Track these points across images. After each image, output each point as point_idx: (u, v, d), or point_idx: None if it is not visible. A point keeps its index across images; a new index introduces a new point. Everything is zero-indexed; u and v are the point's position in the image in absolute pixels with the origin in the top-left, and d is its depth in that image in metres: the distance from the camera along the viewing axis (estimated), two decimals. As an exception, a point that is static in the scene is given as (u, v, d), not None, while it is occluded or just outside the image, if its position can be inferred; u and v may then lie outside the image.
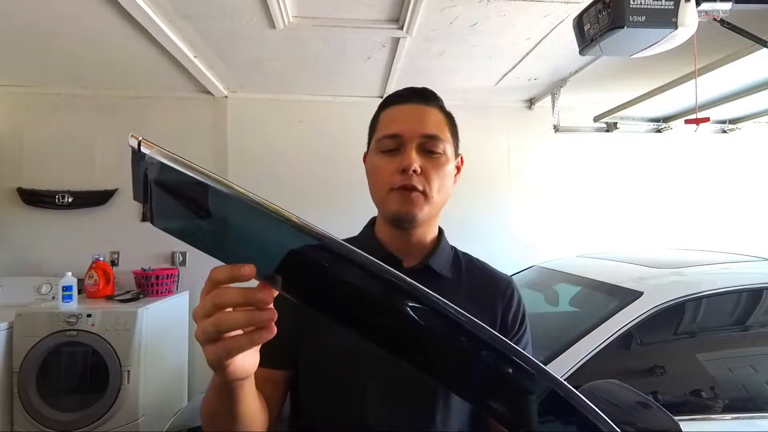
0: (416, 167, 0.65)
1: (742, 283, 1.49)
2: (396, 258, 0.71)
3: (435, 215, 0.72)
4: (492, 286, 0.76)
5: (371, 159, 0.72)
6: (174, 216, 0.37)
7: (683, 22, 1.23)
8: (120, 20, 1.84)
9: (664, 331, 1.44)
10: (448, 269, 0.74)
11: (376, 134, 0.72)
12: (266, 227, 0.35)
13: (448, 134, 0.71)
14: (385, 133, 0.69)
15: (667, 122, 3.05)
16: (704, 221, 3.27)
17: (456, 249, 0.81)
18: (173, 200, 0.36)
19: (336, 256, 0.34)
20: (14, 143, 2.78)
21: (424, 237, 0.73)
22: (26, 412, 2.10)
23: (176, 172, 0.35)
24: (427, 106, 0.71)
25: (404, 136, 0.67)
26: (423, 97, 0.72)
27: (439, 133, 0.69)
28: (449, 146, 0.71)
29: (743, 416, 1.31)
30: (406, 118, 0.69)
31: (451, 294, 0.67)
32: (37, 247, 2.75)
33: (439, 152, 0.68)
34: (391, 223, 0.70)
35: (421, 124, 0.68)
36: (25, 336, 2.12)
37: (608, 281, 1.63)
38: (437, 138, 0.68)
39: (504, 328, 0.72)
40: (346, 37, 2.05)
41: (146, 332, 2.21)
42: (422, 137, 0.68)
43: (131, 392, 2.14)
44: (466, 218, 3.04)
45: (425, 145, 0.68)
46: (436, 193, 0.68)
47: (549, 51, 2.18)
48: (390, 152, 0.68)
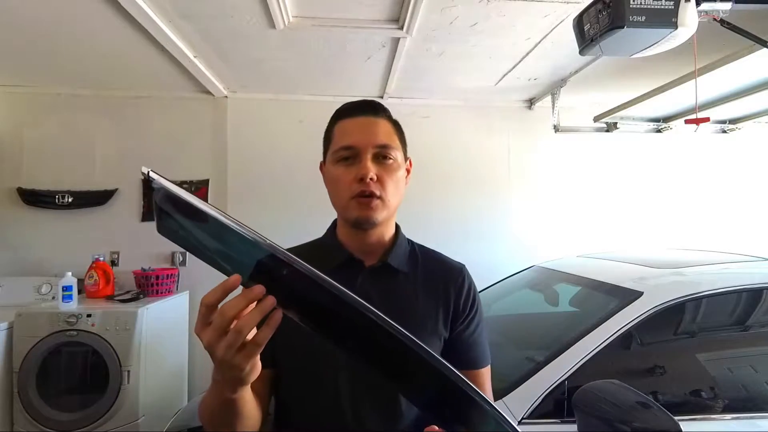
0: (373, 175, 0.72)
1: (742, 283, 1.49)
2: (357, 259, 0.79)
3: (392, 216, 0.80)
4: (446, 274, 0.83)
5: (329, 169, 0.78)
6: (173, 228, 0.45)
7: (683, 22, 1.23)
8: (120, 20, 1.84)
9: (664, 331, 1.44)
10: (406, 264, 0.81)
11: (331, 146, 0.78)
12: (234, 240, 0.44)
13: (397, 142, 0.78)
14: (341, 145, 0.75)
15: (667, 122, 3.05)
16: (704, 221, 3.27)
17: (413, 243, 0.87)
18: (173, 215, 0.45)
19: (287, 265, 0.44)
20: (14, 143, 2.78)
21: (383, 236, 0.80)
22: (26, 412, 2.10)
23: (172, 194, 0.44)
24: (377, 118, 0.77)
25: (359, 147, 0.74)
26: (373, 109, 0.78)
27: (390, 142, 0.76)
28: (399, 153, 0.78)
29: (743, 416, 1.31)
30: (360, 130, 0.75)
31: (408, 286, 0.80)
32: (37, 247, 2.75)
33: (392, 159, 0.76)
34: (353, 226, 0.77)
35: (373, 136, 0.75)
36: (25, 336, 2.13)
37: (608, 281, 1.63)
38: (389, 147, 0.75)
39: (457, 312, 0.80)
40: (346, 37, 2.05)
41: (146, 332, 2.21)
42: (376, 147, 0.74)
43: (131, 392, 2.14)
44: (466, 218, 3.04)
45: (378, 154, 0.75)
46: (391, 196, 0.75)
47: (549, 51, 2.18)
48: (347, 162, 0.75)
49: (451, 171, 3.03)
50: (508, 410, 1.21)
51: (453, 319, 0.79)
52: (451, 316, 0.79)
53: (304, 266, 0.43)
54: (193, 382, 2.77)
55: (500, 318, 2.09)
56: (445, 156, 3.03)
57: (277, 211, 2.87)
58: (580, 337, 1.32)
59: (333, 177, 0.76)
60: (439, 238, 2.97)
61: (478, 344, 0.81)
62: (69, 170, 2.78)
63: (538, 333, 1.85)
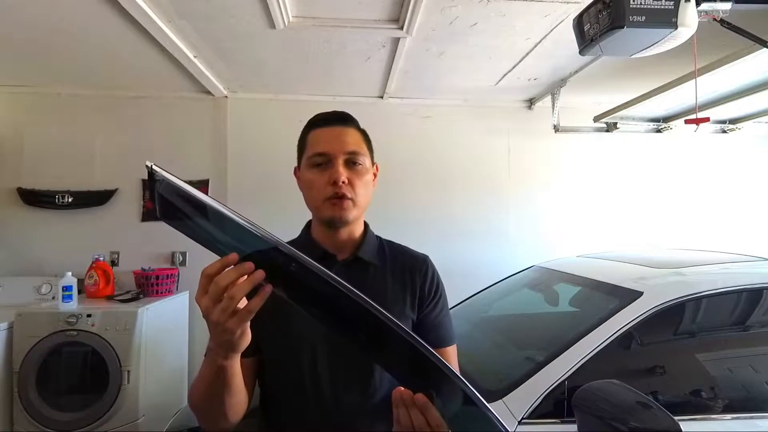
0: (344, 179, 0.81)
1: (742, 283, 1.49)
2: (330, 254, 0.87)
3: (361, 215, 0.88)
4: (412, 264, 0.91)
5: (304, 173, 0.86)
6: (176, 216, 0.52)
7: (683, 22, 1.23)
8: (120, 20, 1.84)
9: (664, 331, 1.44)
10: (375, 257, 0.89)
11: (306, 152, 0.86)
12: (230, 227, 0.51)
13: (365, 149, 0.87)
14: (315, 152, 0.83)
15: (667, 122, 3.04)
16: (704, 221, 3.27)
17: (380, 238, 0.95)
18: (174, 205, 0.51)
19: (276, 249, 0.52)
20: (14, 143, 2.78)
21: (353, 233, 0.88)
22: (26, 412, 2.10)
23: (175, 186, 0.50)
24: (347, 127, 0.86)
25: (331, 154, 0.82)
26: (342, 120, 0.87)
27: (359, 149, 0.84)
28: (367, 159, 0.86)
29: (743, 416, 1.31)
30: (331, 139, 0.83)
31: (378, 276, 0.88)
32: (37, 247, 2.75)
33: (361, 164, 0.84)
34: (326, 225, 0.85)
35: (344, 144, 0.83)
36: (25, 336, 2.13)
37: (608, 281, 1.62)
38: (358, 153, 0.84)
39: (422, 297, 0.89)
40: (346, 37, 2.05)
41: (146, 332, 2.21)
42: (346, 153, 0.83)
43: (131, 392, 2.14)
44: (466, 218, 3.04)
45: (349, 159, 0.83)
46: (361, 197, 0.83)
47: (549, 51, 2.18)
48: (320, 167, 0.82)
49: (451, 171, 3.03)
50: (508, 410, 1.21)
51: (419, 303, 0.88)
52: (417, 301, 0.88)
53: (290, 249, 0.52)
54: (193, 382, 2.77)
55: (500, 318, 2.09)
56: (445, 156, 3.03)
57: (277, 210, 2.86)
58: (580, 337, 1.32)
59: (307, 180, 0.84)
60: (439, 237, 2.98)
61: (443, 325, 0.89)
62: (69, 170, 2.78)
63: (538, 333, 1.85)
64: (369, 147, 0.89)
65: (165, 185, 0.50)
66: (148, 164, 0.50)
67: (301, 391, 0.80)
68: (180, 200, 0.50)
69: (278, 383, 0.84)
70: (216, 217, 0.51)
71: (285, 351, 0.81)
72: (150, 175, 0.51)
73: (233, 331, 0.55)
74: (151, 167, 0.50)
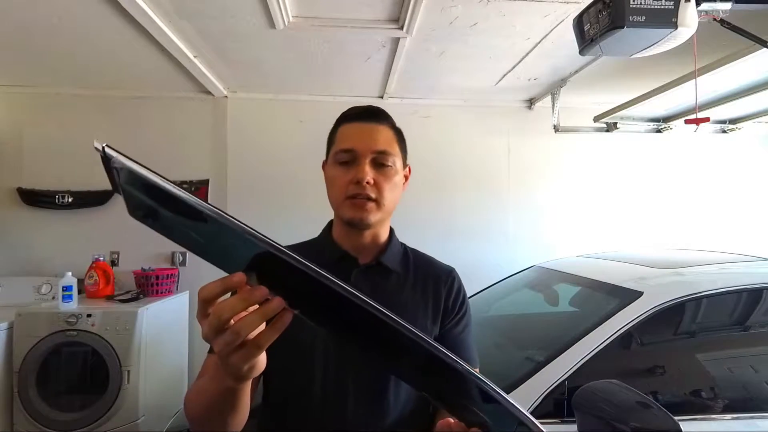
0: (369, 179, 0.75)
1: (742, 283, 1.49)
2: (351, 256, 0.82)
3: (386, 219, 0.82)
4: (436, 276, 0.86)
5: (329, 169, 0.81)
6: (142, 208, 0.41)
7: (683, 22, 1.23)
8: (120, 20, 1.84)
9: (664, 331, 1.44)
10: (398, 265, 0.84)
11: (333, 147, 0.81)
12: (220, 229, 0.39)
13: (397, 149, 0.81)
14: (341, 147, 0.78)
15: (667, 122, 3.04)
16: (704, 221, 3.27)
17: (405, 246, 0.91)
18: (141, 194, 0.40)
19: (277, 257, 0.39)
20: (14, 143, 2.78)
21: (377, 237, 0.83)
22: (26, 412, 2.10)
23: (133, 172, 0.38)
24: (379, 125, 0.80)
25: (358, 151, 0.77)
26: (375, 116, 0.81)
27: (389, 148, 0.79)
28: (398, 159, 0.81)
29: (743, 416, 1.31)
30: (361, 135, 0.78)
31: (400, 285, 0.83)
32: (37, 247, 2.75)
33: (389, 165, 0.78)
34: (347, 226, 0.80)
35: (373, 141, 0.78)
36: (25, 336, 2.13)
37: (608, 281, 1.62)
38: (387, 153, 0.78)
39: (446, 311, 0.83)
40: (346, 37, 2.05)
41: (146, 332, 2.21)
42: (374, 152, 0.77)
43: (131, 392, 2.14)
44: (466, 218, 3.04)
45: (377, 159, 0.77)
46: (386, 200, 0.78)
47: (549, 51, 2.18)
48: (345, 164, 0.78)
49: (451, 171, 3.03)
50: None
51: (443, 317, 0.83)
52: (441, 315, 0.83)
53: (296, 258, 0.40)
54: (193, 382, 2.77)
55: (500, 318, 2.09)
56: (446, 156, 3.02)
57: (277, 211, 2.87)
58: (580, 337, 1.32)
59: (331, 177, 0.80)
60: (439, 237, 2.98)
61: (465, 344, 0.84)
62: (69, 170, 2.78)
63: (538, 333, 1.85)
64: (401, 147, 0.83)
65: (125, 174, 0.38)
66: (99, 145, 0.38)
67: (307, 406, 0.75)
68: (146, 192, 0.39)
69: (282, 394, 0.77)
70: (194, 215, 0.39)
71: (292, 359, 0.74)
72: (104, 161, 0.39)
73: (239, 367, 0.45)
74: (104, 149, 0.38)
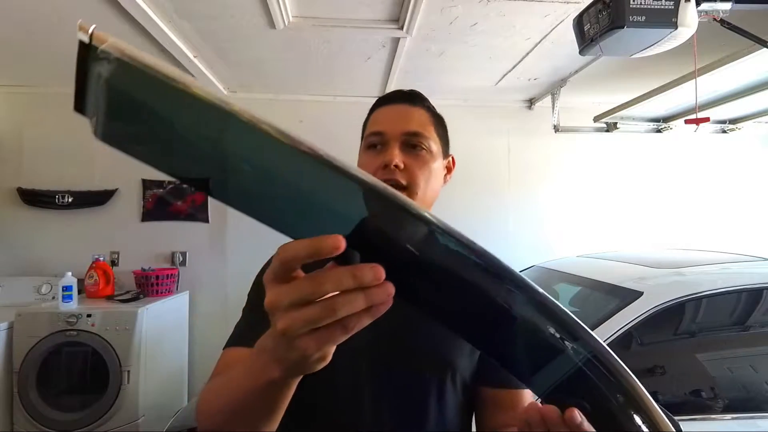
0: (398, 162, 0.68)
1: (742, 283, 1.49)
2: None
3: None
4: None
5: (360, 156, 0.76)
6: (135, 131, 0.30)
7: (683, 22, 1.23)
8: (120, 20, 1.84)
9: (664, 331, 1.44)
10: None
11: (365, 133, 0.77)
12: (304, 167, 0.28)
13: (433, 133, 0.74)
14: (371, 131, 0.73)
15: (667, 122, 3.04)
16: (704, 221, 3.27)
17: None
18: (135, 110, 0.28)
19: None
20: (14, 143, 2.78)
21: None
22: (26, 412, 2.10)
23: (143, 73, 0.26)
24: (413, 107, 0.75)
25: (387, 134, 0.71)
26: (409, 98, 0.76)
27: (423, 130, 0.71)
28: (434, 144, 0.73)
29: (743, 416, 1.31)
30: (391, 118, 0.73)
31: None
32: (37, 247, 2.75)
33: (423, 148, 0.71)
34: None
35: (404, 123, 0.71)
36: (25, 336, 2.13)
37: (608, 281, 1.62)
38: (419, 135, 0.71)
39: None
40: (346, 37, 2.05)
41: (146, 332, 2.21)
42: (405, 134, 0.70)
43: (131, 392, 2.14)
44: (466, 218, 3.04)
45: (408, 141, 0.70)
46: (421, 188, 0.69)
47: (549, 51, 2.18)
48: (374, 148, 0.72)
49: (451, 171, 3.03)
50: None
51: None
52: None
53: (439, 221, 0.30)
54: (193, 382, 2.77)
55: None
56: (445, 156, 3.02)
57: (277, 211, 2.87)
58: (580, 337, 1.32)
59: (361, 164, 0.74)
60: (439, 238, 2.97)
61: None
62: (69, 170, 2.78)
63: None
64: (440, 133, 0.76)
65: (124, 67, 0.26)
66: (87, 29, 0.26)
67: (335, 415, 0.66)
68: (162, 96, 0.27)
69: (308, 398, 0.65)
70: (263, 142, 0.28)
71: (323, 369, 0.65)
72: (84, 50, 0.27)
73: (308, 352, 0.34)
74: (91, 34, 0.26)
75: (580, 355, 0.36)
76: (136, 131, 0.29)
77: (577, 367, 0.36)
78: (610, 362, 0.37)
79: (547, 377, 0.37)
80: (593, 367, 0.36)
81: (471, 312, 0.35)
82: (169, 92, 0.27)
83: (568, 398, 0.39)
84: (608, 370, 0.37)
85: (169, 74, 0.27)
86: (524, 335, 0.36)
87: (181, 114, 0.28)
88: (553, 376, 0.37)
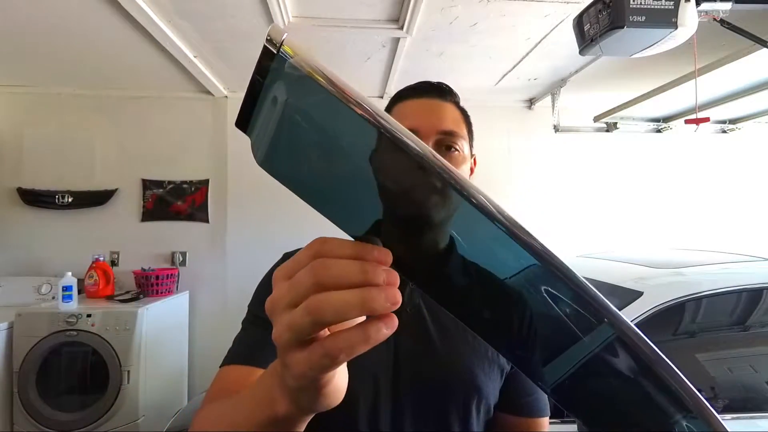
0: None
1: (742, 283, 1.49)
2: None
3: None
4: None
5: None
6: (304, 160, 0.25)
7: (683, 22, 1.23)
8: (120, 20, 1.84)
9: (664, 331, 1.44)
10: None
11: None
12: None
13: (465, 132, 0.68)
14: None
15: (667, 122, 3.05)
16: (704, 221, 3.27)
17: None
18: (313, 136, 0.24)
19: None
20: (14, 143, 2.78)
21: None
22: (26, 412, 2.10)
23: (329, 96, 0.22)
24: (444, 102, 0.68)
25: (421, 132, 0.63)
26: (439, 91, 0.69)
27: (457, 129, 0.66)
28: (466, 144, 0.67)
29: (743, 416, 1.31)
30: (423, 113, 0.66)
31: None
32: (37, 247, 2.75)
33: (458, 150, 0.65)
34: None
35: (438, 120, 0.65)
36: (25, 336, 2.13)
37: (608, 281, 1.62)
38: (455, 134, 0.65)
39: None
40: (346, 37, 2.05)
41: (146, 332, 2.21)
42: (440, 133, 0.64)
43: (131, 392, 2.14)
44: (466, 218, 3.04)
45: (443, 141, 0.64)
46: None
47: (549, 51, 2.18)
48: None
49: (451, 171, 3.03)
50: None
51: None
52: None
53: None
54: (193, 382, 2.77)
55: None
56: (445, 156, 3.02)
57: (278, 211, 2.87)
58: (580, 337, 1.32)
59: None
60: (439, 238, 2.97)
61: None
62: (69, 170, 2.78)
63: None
64: (469, 131, 0.70)
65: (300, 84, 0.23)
66: (278, 34, 0.23)
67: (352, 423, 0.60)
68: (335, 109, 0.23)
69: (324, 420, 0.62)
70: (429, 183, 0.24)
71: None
72: (267, 59, 0.23)
73: (297, 371, 0.26)
74: (281, 42, 0.23)
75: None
76: (308, 168, 0.25)
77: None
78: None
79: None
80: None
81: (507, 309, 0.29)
82: (366, 131, 0.22)
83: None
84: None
85: (379, 114, 0.22)
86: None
87: (369, 162, 0.24)
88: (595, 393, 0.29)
